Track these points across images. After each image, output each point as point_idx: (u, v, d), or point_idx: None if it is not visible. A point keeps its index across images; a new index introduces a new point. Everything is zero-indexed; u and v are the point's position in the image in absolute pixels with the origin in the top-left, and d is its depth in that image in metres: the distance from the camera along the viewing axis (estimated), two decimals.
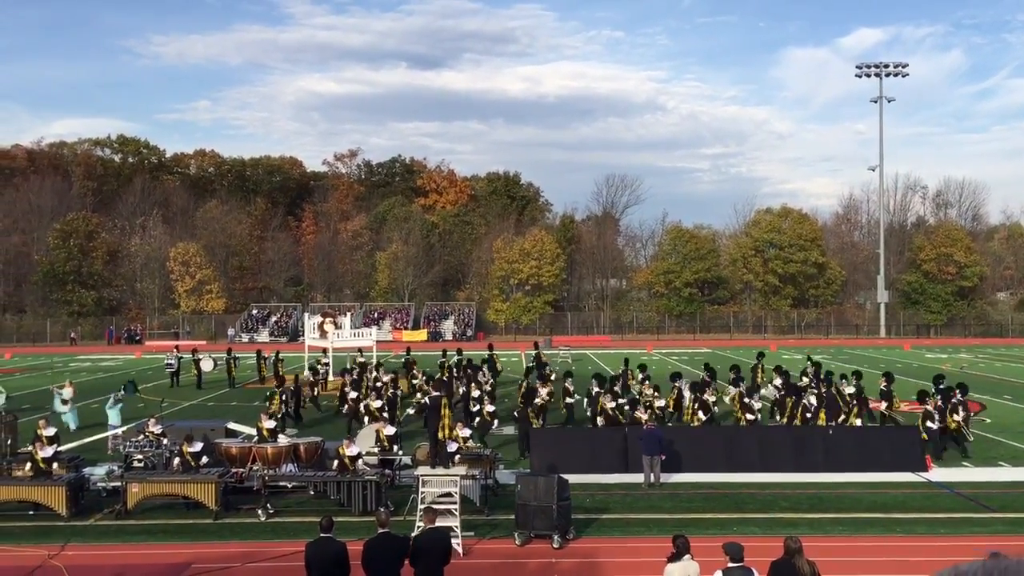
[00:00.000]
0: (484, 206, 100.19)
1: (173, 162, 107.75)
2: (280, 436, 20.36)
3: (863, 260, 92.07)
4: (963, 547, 13.93)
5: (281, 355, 37.48)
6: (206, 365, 39.74)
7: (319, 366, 37.83)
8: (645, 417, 22.01)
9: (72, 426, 26.71)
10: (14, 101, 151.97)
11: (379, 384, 27.42)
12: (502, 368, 38.70)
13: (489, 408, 24.50)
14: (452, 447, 17.89)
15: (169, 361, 40.63)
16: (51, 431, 18.77)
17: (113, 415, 24.83)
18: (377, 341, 43.82)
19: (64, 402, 27.75)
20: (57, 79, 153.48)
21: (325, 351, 40.41)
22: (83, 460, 19.55)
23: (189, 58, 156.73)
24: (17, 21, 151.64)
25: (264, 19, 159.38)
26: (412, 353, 38.19)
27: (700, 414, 23.81)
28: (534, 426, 22.77)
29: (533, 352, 37.69)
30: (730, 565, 9.66)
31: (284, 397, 26.69)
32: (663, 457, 19.08)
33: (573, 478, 16.97)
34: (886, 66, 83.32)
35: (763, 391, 28.67)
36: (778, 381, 27.98)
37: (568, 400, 27.06)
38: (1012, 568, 1.02)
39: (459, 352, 41.80)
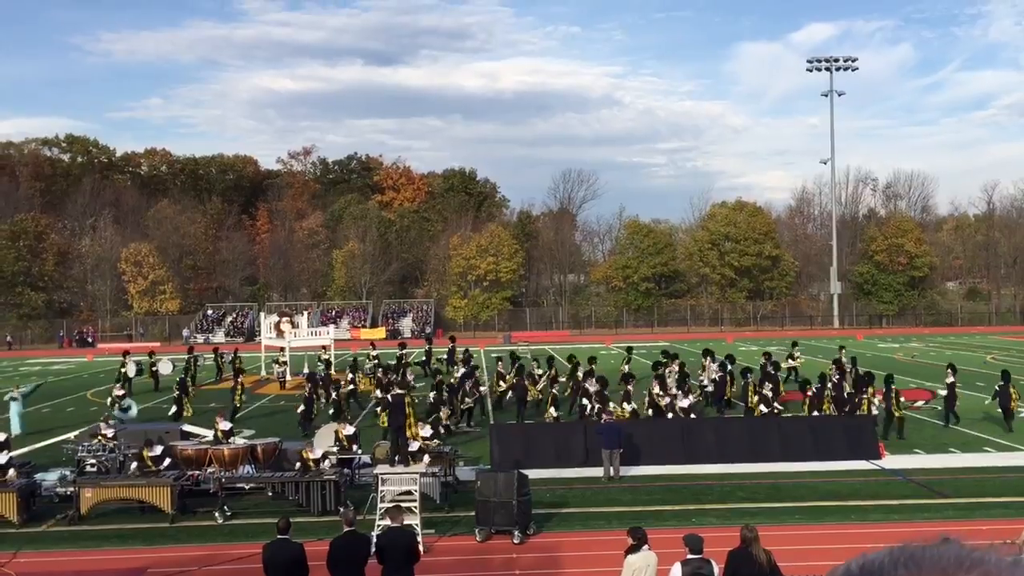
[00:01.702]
0: (441, 203, 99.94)
1: (123, 161, 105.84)
2: (237, 437, 20.14)
3: (816, 252, 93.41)
4: (915, 533, 14.10)
5: (239, 354, 37.12)
6: (164, 368, 39.01)
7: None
8: (687, 403, 22.67)
9: (18, 430, 26.01)
10: None
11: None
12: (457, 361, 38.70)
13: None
14: (414, 446, 17.83)
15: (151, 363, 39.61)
16: (0, 436, 18.37)
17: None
18: (335, 340, 43.52)
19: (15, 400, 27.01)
20: (3, 77, 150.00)
21: (282, 350, 40.08)
22: (35, 466, 19.17)
23: (140, 55, 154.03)
24: None
25: (217, 15, 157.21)
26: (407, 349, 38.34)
27: (762, 406, 23.92)
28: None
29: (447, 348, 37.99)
30: (689, 556, 9.75)
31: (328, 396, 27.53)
32: (622, 451, 19.23)
33: (535, 473, 17.03)
34: (836, 60, 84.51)
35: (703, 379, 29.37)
36: (714, 367, 29.02)
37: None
38: (917, 555, 1.04)
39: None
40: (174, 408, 28.52)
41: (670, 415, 23.51)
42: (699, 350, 37.46)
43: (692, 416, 23.51)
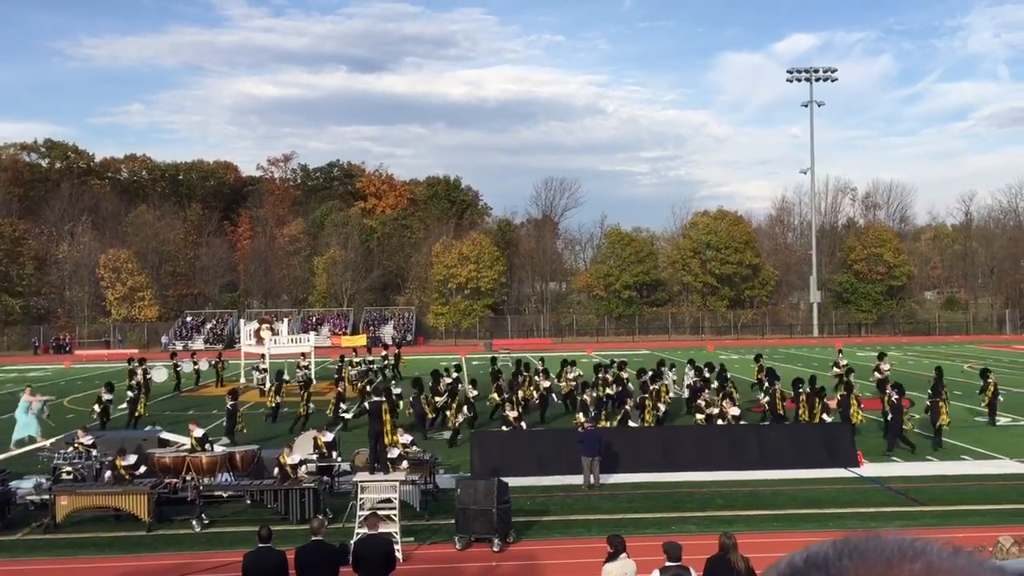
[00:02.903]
0: (423, 210, 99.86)
1: (103, 167, 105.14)
2: (215, 445, 20.00)
3: (796, 261, 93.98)
4: None
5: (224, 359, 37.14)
6: (158, 376, 38.41)
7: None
8: (735, 412, 22.62)
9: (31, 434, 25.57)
10: None
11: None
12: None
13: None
14: (394, 453, 17.76)
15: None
16: None
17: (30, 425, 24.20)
18: (315, 347, 43.33)
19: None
20: None
21: (263, 357, 39.87)
22: (9, 473, 18.96)
23: (122, 60, 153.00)
24: None
25: (200, 21, 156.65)
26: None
27: (825, 416, 23.98)
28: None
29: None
30: (667, 564, 9.77)
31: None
32: (599, 458, 19.26)
33: (515, 481, 17.01)
34: (816, 71, 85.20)
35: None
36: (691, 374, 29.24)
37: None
38: (860, 546, 1.05)
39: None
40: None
41: (720, 422, 23.50)
42: (681, 358, 37.61)
43: (742, 423, 23.47)
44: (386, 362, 41.57)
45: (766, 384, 27.59)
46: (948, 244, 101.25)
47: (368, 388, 29.57)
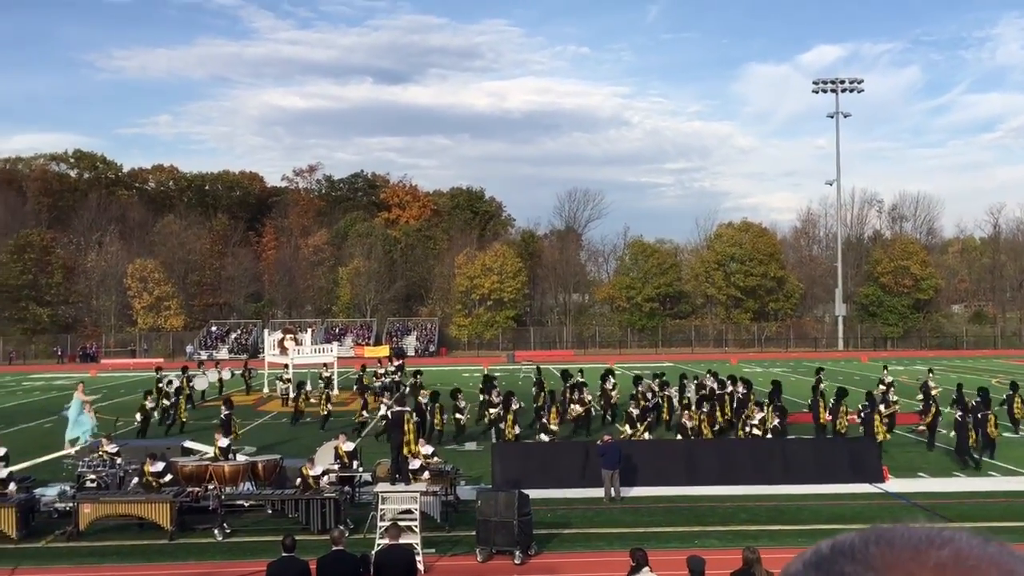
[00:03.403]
0: (447, 221, 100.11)
1: (130, 177, 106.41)
2: (237, 454, 20.07)
3: (821, 274, 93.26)
4: None
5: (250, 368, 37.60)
6: (200, 383, 38.60)
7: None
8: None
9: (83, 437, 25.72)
10: None
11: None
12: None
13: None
14: (415, 464, 17.75)
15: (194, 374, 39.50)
16: (0, 451, 18.34)
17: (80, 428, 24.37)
18: (338, 357, 43.47)
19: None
20: (15, 93, 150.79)
21: (286, 367, 40.05)
22: (34, 481, 19.12)
23: (151, 72, 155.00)
24: None
25: (228, 33, 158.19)
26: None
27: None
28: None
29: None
30: None
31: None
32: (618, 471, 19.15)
33: (536, 492, 16.94)
34: (842, 82, 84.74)
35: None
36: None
37: (457, 416, 27.22)
38: (888, 534, 1.04)
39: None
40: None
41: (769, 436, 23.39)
42: (703, 371, 37.35)
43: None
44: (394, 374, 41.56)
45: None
46: (976, 257, 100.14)
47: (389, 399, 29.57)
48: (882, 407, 25.98)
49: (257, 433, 29.75)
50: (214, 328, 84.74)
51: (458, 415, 26.97)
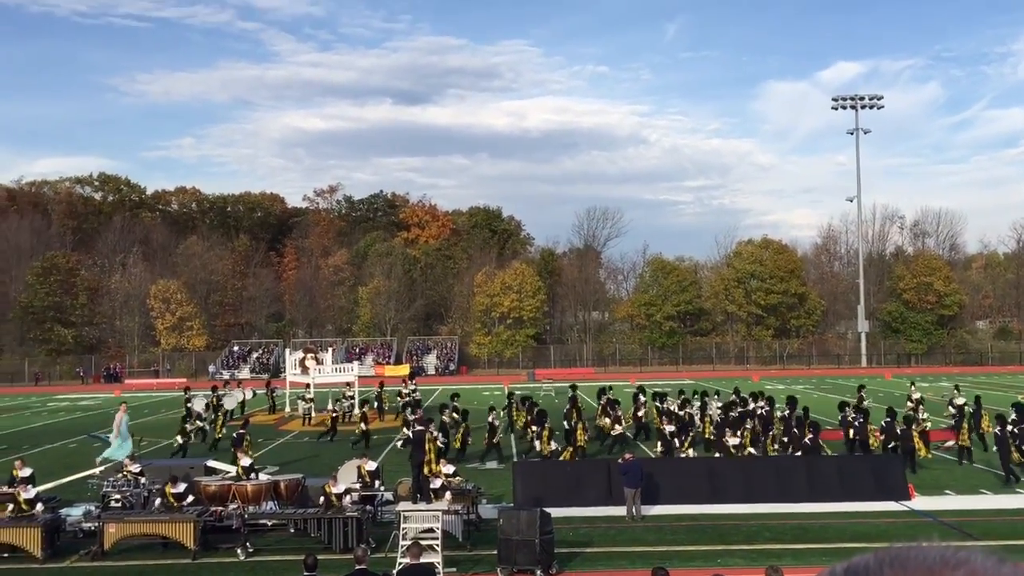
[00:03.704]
0: (466, 240, 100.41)
1: (154, 199, 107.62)
2: (260, 473, 20.15)
3: (843, 290, 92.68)
4: None
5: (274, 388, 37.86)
6: (229, 403, 38.79)
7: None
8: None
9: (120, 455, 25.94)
10: None
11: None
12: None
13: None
14: (436, 483, 17.75)
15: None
16: (27, 472, 18.50)
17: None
18: (359, 376, 43.58)
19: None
20: (41, 117, 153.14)
21: (308, 387, 40.19)
22: (59, 501, 19.27)
23: (174, 95, 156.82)
24: (1, 59, 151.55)
25: (250, 56, 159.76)
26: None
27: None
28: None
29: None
30: None
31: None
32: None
33: (558, 511, 16.89)
34: (861, 98, 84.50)
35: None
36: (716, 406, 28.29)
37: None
38: (902, 555, 1.05)
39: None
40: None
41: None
42: (727, 388, 37.22)
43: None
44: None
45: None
46: (1000, 272, 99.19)
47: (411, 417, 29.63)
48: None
49: (279, 452, 29.85)
50: (236, 348, 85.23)
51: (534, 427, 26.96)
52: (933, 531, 17.60)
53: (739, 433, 24.17)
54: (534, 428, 26.72)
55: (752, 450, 23.70)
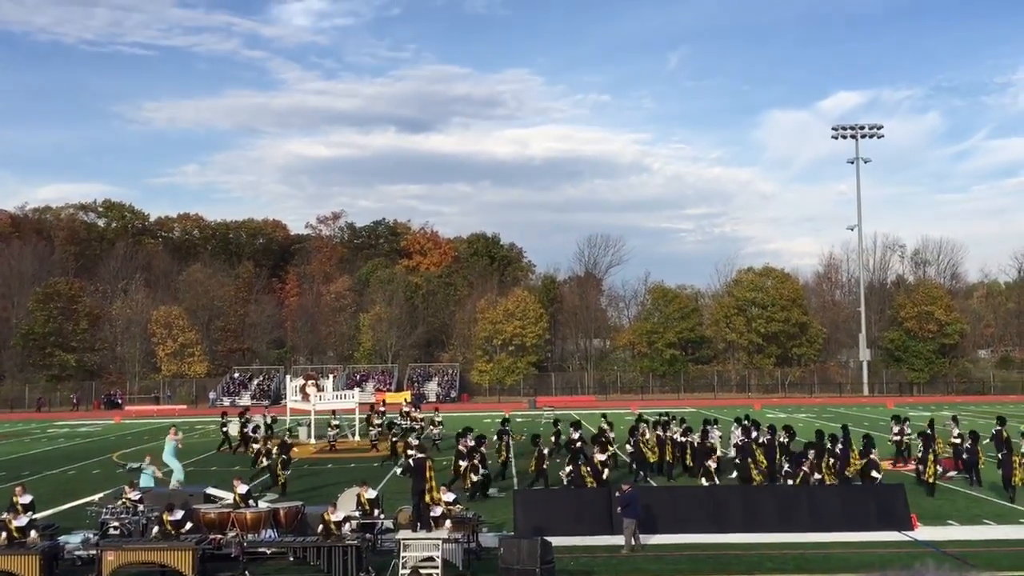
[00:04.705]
0: (466, 267, 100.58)
1: (157, 226, 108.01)
2: (259, 501, 20.08)
3: (845, 319, 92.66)
4: None
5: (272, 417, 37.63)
6: (234, 429, 38.69)
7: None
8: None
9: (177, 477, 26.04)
10: (1, 166, 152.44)
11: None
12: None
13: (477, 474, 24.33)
14: (437, 511, 17.68)
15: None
16: (27, 499, 18.43)
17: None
18: (360, 403, 43.50)
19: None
20: (46, 144, 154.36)
21: (333, 413, 40.09)
22: (58, 528, 19.18)
23: (179, 123, 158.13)
24: (7, 85, 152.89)
25: (255, 84, 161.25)
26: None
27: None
28: None
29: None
30: None
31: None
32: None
33: (559, 540, 16.80)
34: (862, 128, 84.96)
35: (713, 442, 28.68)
36: (737, 433, 28.15)
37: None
38: None
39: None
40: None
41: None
42: (728, 416, 37.11)
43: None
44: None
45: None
46: (1002, 302, 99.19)
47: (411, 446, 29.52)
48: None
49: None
50: (236, 374, 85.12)
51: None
52: (929, 560, 17.50)
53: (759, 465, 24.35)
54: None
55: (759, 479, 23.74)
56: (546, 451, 27.09)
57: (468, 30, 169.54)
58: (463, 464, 25.20)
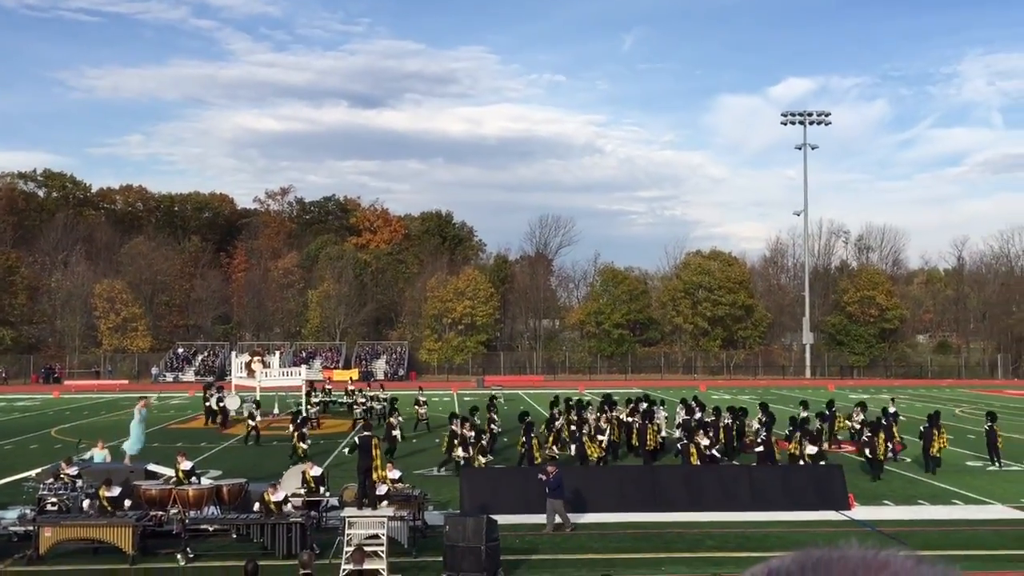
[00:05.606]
0: (417, 245, 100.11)
1: (99, 197, 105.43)
2: (202, 478, 19.83)
3: (789, 302, 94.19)
4: None
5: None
6: (232, 403, 38.03)
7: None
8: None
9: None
10: None
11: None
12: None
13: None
14: (382, 489, 17.62)
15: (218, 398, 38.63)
16: None
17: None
18: (307, 380, 43.13)
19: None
20: None
21: (253, 390, 39.69)
22: None
23: (123, 92, 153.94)
24: None
25: (203, 54, 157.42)
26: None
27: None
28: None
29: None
30: None
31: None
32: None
33: (503, 518, 16.87)
34: (810, 114, 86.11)
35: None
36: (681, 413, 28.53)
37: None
38: (824, 558, 1.04)
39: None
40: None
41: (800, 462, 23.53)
42: (674, 397, 37.48)
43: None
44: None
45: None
46: (941, 288, 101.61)
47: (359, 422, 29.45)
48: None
49: (223, 456, 29.42)
50: (180, 350, 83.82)
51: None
52: (872, 540, 17.93)
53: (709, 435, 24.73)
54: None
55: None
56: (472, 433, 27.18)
57: (422, 5, 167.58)
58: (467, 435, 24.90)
